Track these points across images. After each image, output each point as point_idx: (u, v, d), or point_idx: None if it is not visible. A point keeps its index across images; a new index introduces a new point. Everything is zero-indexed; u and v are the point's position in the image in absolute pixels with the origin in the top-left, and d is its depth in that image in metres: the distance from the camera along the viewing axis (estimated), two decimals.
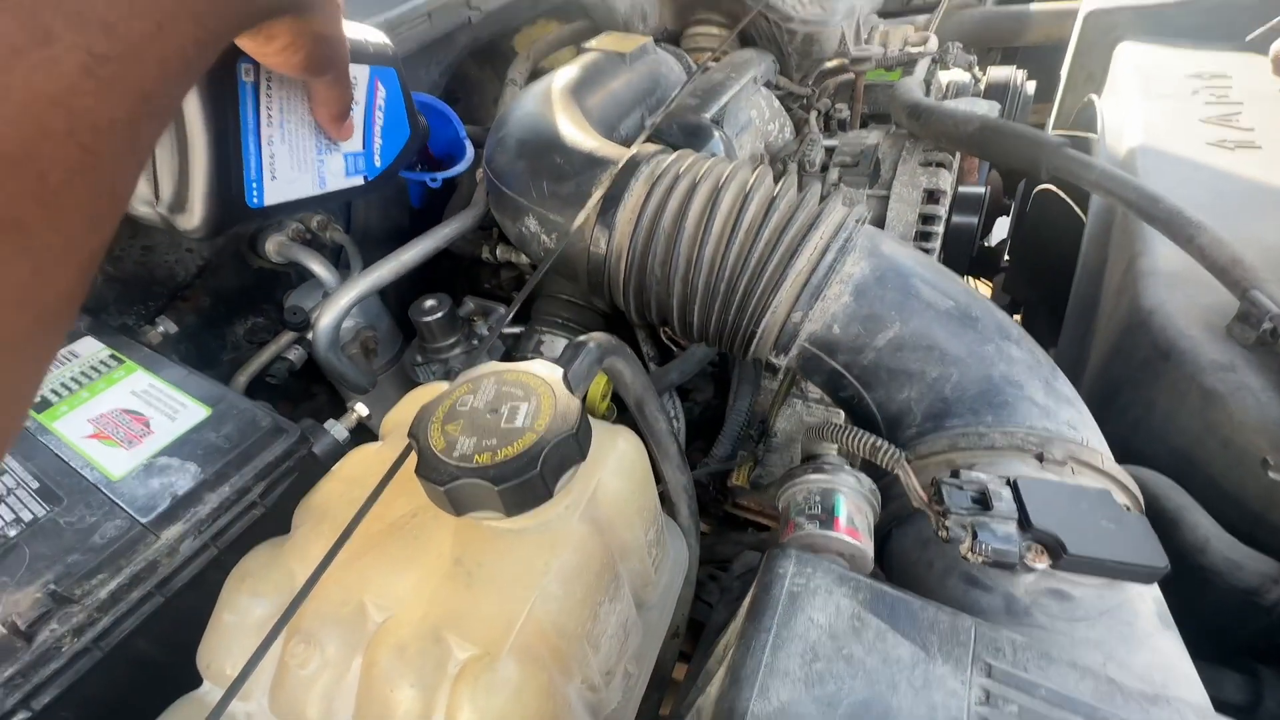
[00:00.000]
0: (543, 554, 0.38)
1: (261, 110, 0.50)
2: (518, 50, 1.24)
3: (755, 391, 0.89)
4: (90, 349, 0.61)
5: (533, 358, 0.92)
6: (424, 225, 0.94)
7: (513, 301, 0.55)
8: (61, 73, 0.22)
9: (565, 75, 0.86)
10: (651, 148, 0.69)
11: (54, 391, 0.56)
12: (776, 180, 0.65)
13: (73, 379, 0.57)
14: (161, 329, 0.76)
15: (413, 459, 0.39)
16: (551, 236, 0.70)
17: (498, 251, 1.02)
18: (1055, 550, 0.41)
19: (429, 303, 0.94)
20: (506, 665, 0.34)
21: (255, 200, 0.53)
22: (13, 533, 0.44)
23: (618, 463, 0.45)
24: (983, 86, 1.24)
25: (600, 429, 0.46)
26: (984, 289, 1.71)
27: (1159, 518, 0.59)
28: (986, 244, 1.58)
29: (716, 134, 0.84)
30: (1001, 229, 1.49)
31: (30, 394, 0.24)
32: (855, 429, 0.51)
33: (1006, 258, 1.39)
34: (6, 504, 0.47)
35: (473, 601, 0.36)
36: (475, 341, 0.99)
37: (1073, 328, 0.93)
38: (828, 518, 0.49)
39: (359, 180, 0.65)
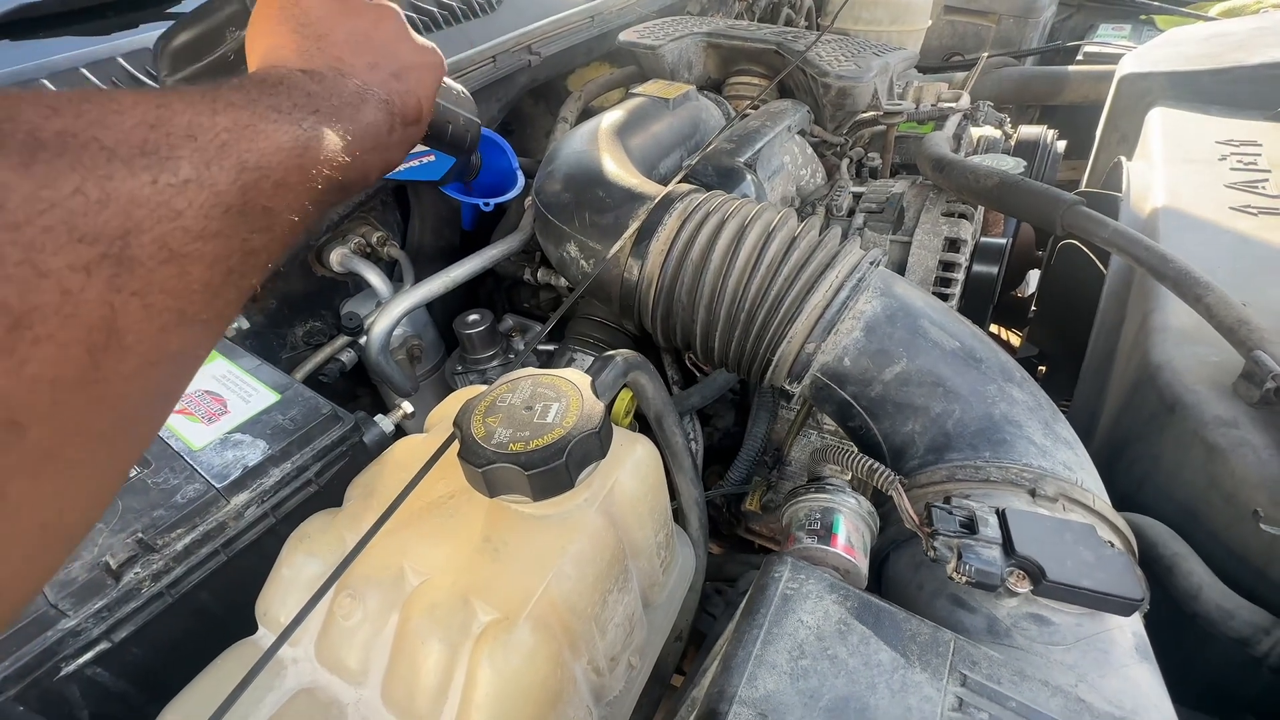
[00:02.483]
0: (561, 538, 0.43)
1: None
2: (571, 90, 1.34)
3: (772, 420, 0.93)
4: None
5: None
6: (473, 246, 1.02)
7: (551, 318, 0.61)
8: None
9: (612, 117, 0.93)
10: (686, 187, 0.75)
11: None
12: (802, 222, 0.70)
13: None
14: (236, 324, 0.84)
15: (454, 446, 0.44)
16: (589, 262, 0.76)
17: (539, 274, 1.10)
18: (1036, 576, 0.44)
19: (472, 317, 1.02)
20: (523, 630, 0.39)
21: None
22: None
23: (635, 466, 0.50)
24: (1013, 143, 1.28)
25: (621, 435, 0.51)
26: (1013, 339, 1.72)
27: (1154, 564, 0.61)
28: (1018, 294, 1.59)
29: (749, 177, 0.90)
30: (1034, 280, 1.51)
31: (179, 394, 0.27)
32: (856, 453, 0.55)
33: (1034, 309, 1.40)
34: None
35: (497, 573, 0.41)
36: (512, 355, 1.05)
37: (1089, 381, 0.94)
38: (826, 534, 0.53)
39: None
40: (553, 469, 0.41)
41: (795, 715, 0.39)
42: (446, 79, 0.63)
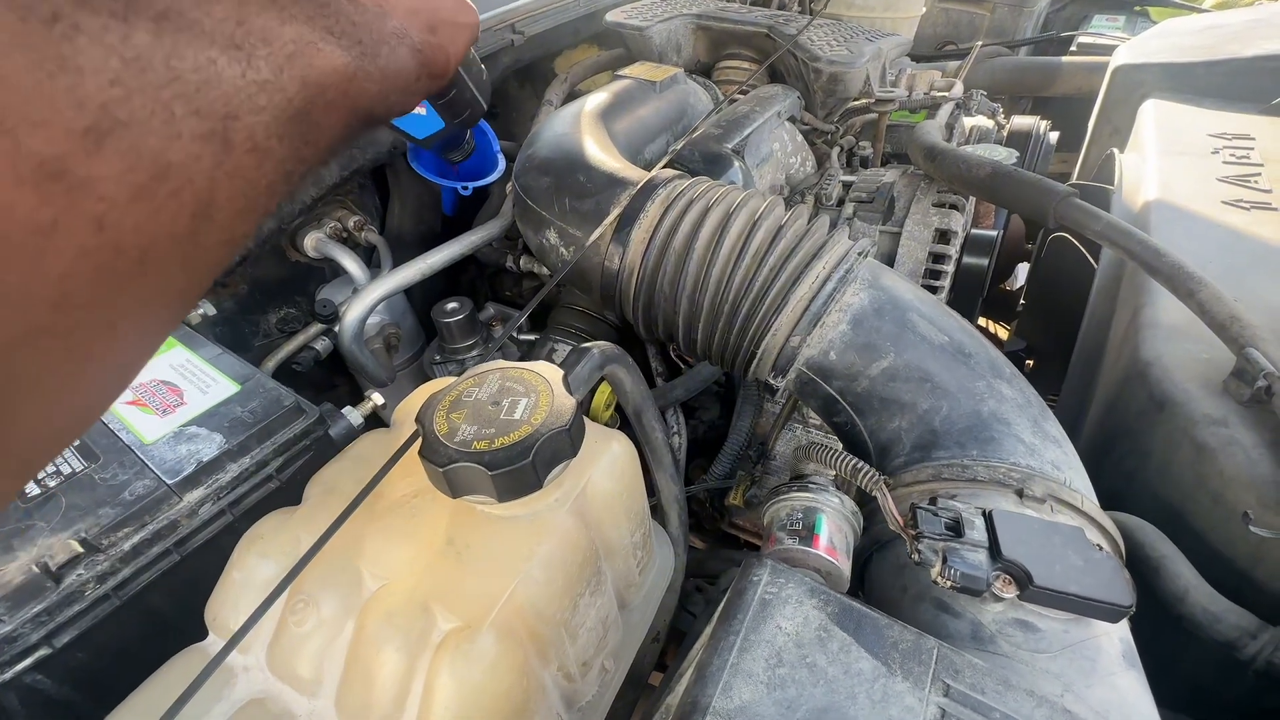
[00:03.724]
0: (529, 541, 0.41)
1: None
2: (557, 72, 1.30)
3: (757, 413, 0.91)
4: None
5: None
6: (454, 232, 0.99)
7: (527, 307, 0.59)
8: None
9: (596, 99, 0.90)
10: (670, 172, 0.73)
11: None
12: (789, 210, 0.68)
13: None
14: (201, 310, 0.81)
15: (419, 443, 0.42)
16: (569, 249, 0.73)
17: (521, 262, 1.07)
18: (1023, 581, 0.43)
19: (451, 305, 0.99)
20: (486, 639, 0.37)
21: None
22: (53, 483, 0.49)
23: (610, 464, 0.47)
24: (1005, 134, 1.26)
25: (595, 431, 0.49)
26: (1001, 332, 1.72)
27: (1141, 565, 0.59)
28: (1007, 288, 1.59)
29: (736, 163, 0.87)
30: (1023, 274, 1.50)
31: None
32: (840, 451, 0.53)
33: (1023, 302, 1.39)
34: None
35: (460, 578, 0.39)
36: (493, 345, 1.02)
37: (1077, 376, 0.93)
38: (808, 534, 0.51)
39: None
40: (519, 469, 0.38)
41: None
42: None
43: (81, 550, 0.45)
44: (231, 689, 0.40)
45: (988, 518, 0.46)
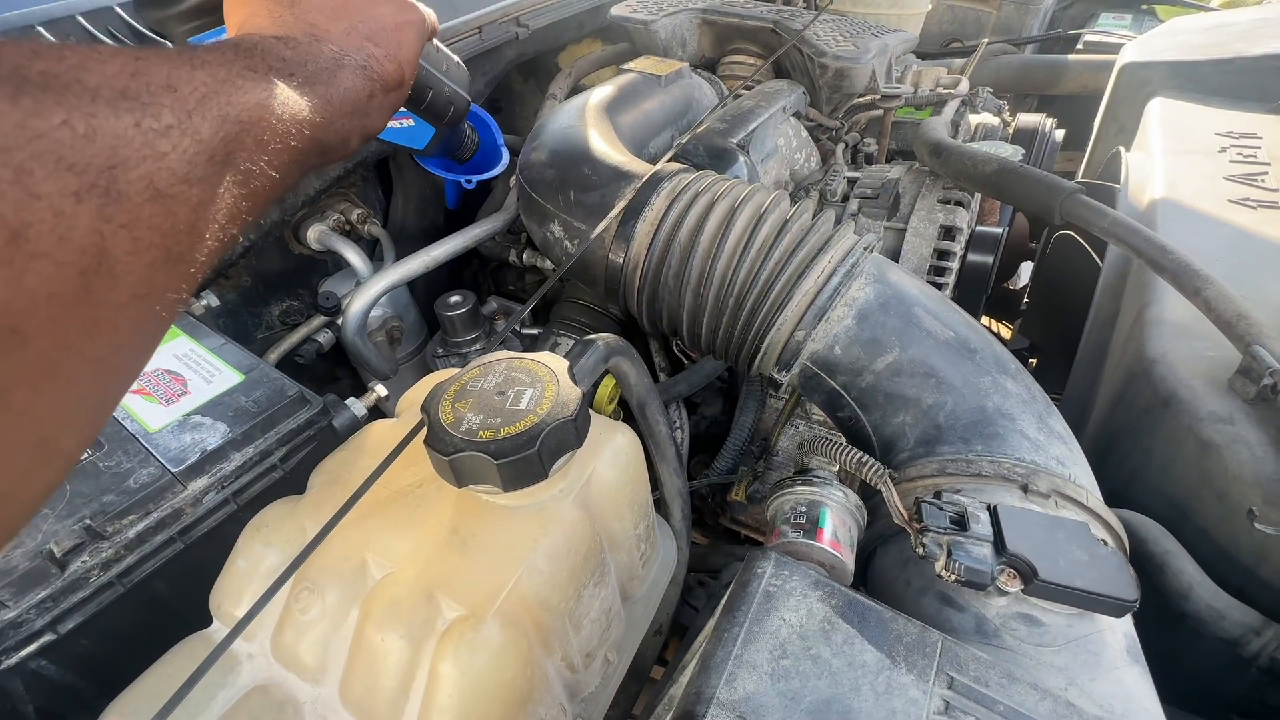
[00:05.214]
0: (534, 531, 0.41)
1: None
2: (561, 66, 1.30)
3: (760, 409, 0.91)
4: None
5: None
6: (458, 226, 0.99)
7: (531, 300, 0.59)
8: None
9: (601, 93, 0.90)
10: (675, 166, 0.73)
11: None
12: (794, 205, 0.68)
13: None
14: (205, 301, 0.81)
15: (424, 432, 0.42)
16: (574, 242, 0.73)
17: (524, 256, 1.06)
18: (1027, 575, 0.43)
19: (454, 298, 0.98)
20: (490, 628, 0.37)
21: None
22: None
23: (614, 456, 0.47)
24: (1011, 131, 1.26)
25: (600, 423, 0.49)
26: (1004, 331, 1.71)
27: (1145, 561, 0.59)
28: (1010, 287, 1.58)
29: (741, 158, 0.87)
30: (1027, 273, 1.49)
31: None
32: (845, 444, 0.53)
33: (1026, 300, 1.39)
34: None
35: (465, 567, 0.39)
36: (495, 338, 1.02)
37: (1081, 374, 0.93)
38: (812, 528, 0.51)
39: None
40: (524, 458, 0.38)
41: (776, 717, 0.37)
42: (438, 44, 0.60)
43: (86, 537, 0.45)
44: (236, 676, 0.40)
45: (992, 512, 0.46)
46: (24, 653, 0.43)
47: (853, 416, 0.63)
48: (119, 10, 0.82)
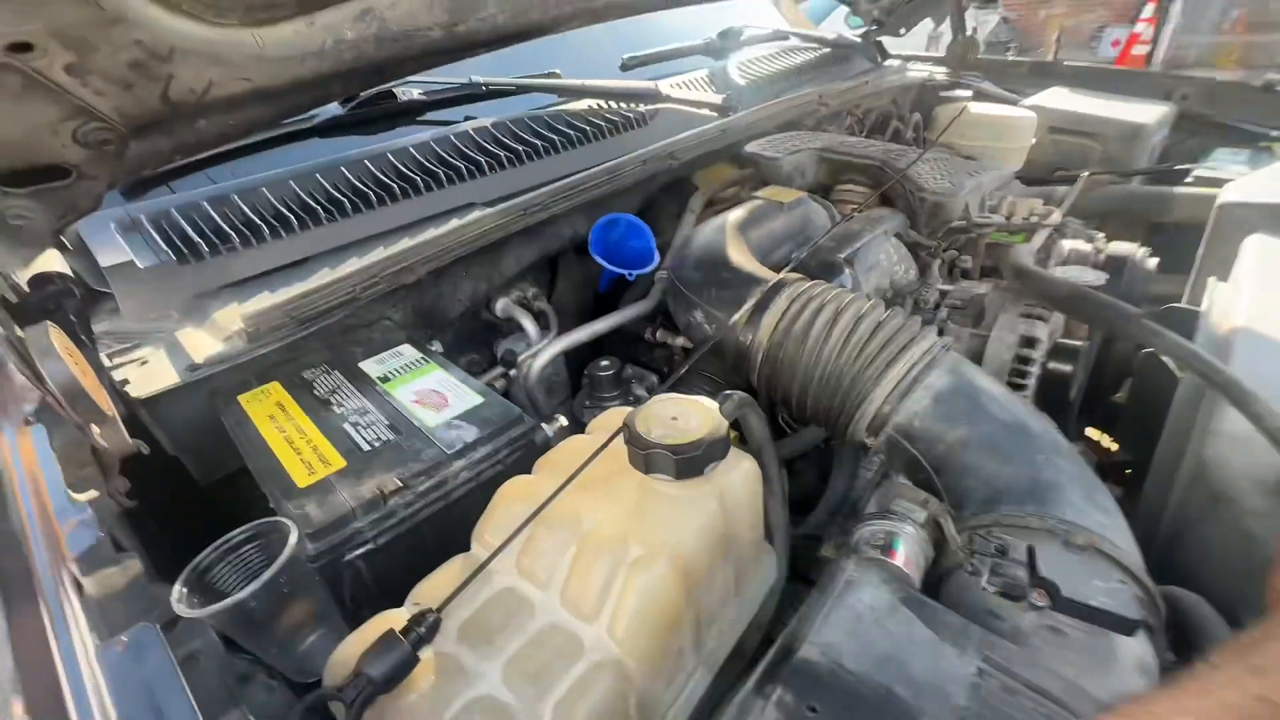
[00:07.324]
0: (690, 513, 0.61)
1: None
2: (697, 185, 1.60)
3: (853, 475, 1.06)
4: (409, 352, 0.96)
5: None
6: (604, 307, 1.26)
7: (674, 370, 0.82)
8: None
9: (737, 214, 1.16)
10: (794, 275, 0.95)
11: (393, 373, 0.90)
12: (888, 310, 0.87)
13: (402, 367, 0.92)
14: (434, 346, 1.11)
15: (619, 439, 0.64)
16: (712, 326, 0.97)
17: (658, 334, 1.32)
18: (1053, 593, 0.57)
19: (604, 362, 1.24)
20: (661, 565, 0.56)
21: None
22: (379, 445, 0.76)
23: (742, 474, 0.67)
24: (1103, 257, 1.39)
25: (734, 451, 0.69)
26: (1113, 445, 1.73)
27: (1193, 634, 0.68)
28: (1118, 400, 1.62)
29: (847, 270, 1.09)
30: None
31: None
32: (916, 489, 0.69)
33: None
34: (375, 429, 0.79)
35: (645, 527, 0.59)
36: (631, 397, 1.26)
37: (1154, 482, 1.01)
38: (887, 549, 0.67)
39: None
40: (691, 459, 0.59)
41: (850, 656, 0.53)
42: None
43: (401, 485, 0.70)
44: (491, 583, 0.62)
45: (1029, 548, 0.60)
46: (357, 553, 0.68)
47: (928, 479, 0.78)
48: (390, 157, 1.20)
